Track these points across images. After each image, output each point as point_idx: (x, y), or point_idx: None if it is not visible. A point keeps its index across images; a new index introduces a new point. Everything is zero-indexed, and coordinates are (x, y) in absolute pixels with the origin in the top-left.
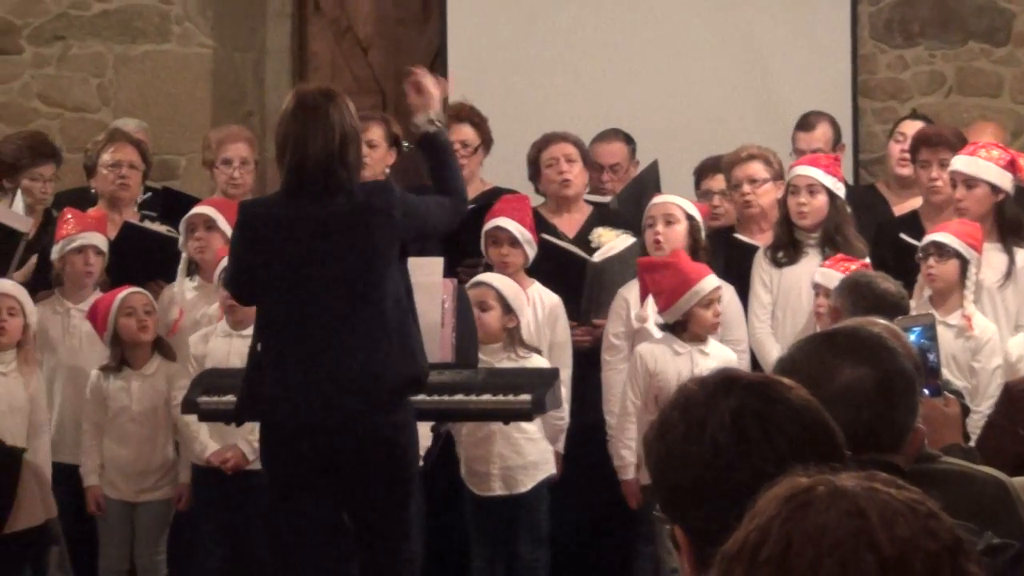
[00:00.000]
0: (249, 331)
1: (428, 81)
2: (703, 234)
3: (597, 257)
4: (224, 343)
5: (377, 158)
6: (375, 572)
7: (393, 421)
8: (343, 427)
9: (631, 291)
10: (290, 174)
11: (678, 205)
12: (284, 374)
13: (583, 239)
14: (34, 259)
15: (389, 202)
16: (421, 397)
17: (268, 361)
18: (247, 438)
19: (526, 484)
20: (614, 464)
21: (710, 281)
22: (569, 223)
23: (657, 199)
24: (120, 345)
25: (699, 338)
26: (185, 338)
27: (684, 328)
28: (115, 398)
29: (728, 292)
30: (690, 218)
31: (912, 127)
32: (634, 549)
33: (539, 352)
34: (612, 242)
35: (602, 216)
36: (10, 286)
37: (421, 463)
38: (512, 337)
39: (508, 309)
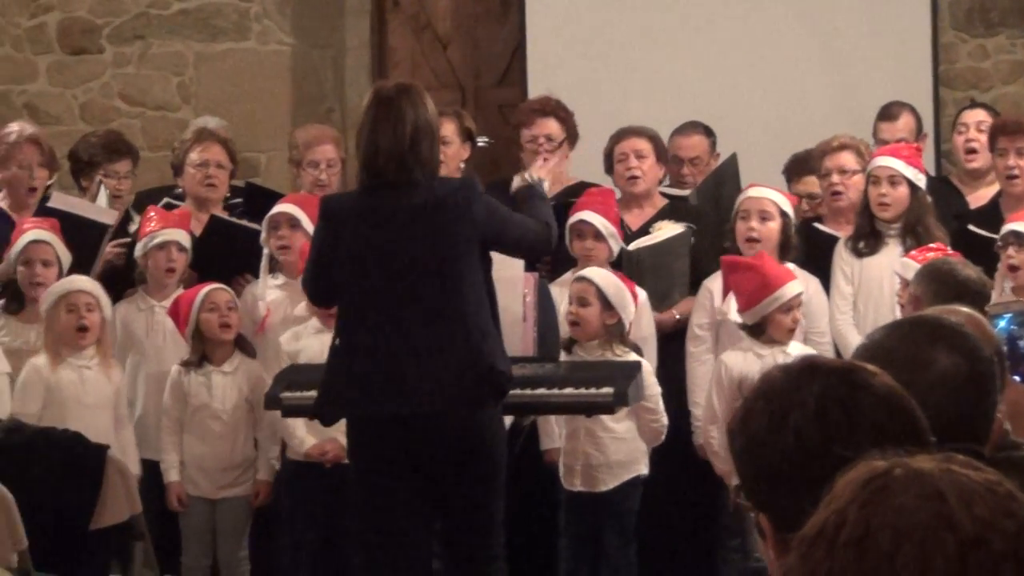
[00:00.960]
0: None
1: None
2: (794, 230)
3: (633, 246)
4: (316, 340)
5: (451, 154)
6: (462, 567)
7: (478, 416)
8: (428, 422)
9: (715, 282)
10: (363, 168)
11: (773, 201)
12: (363, 369)
13: (645, 231)
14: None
15: (469, 198)
16: None
17: (348, 356)
18: (343, 430)
19: (608, 483)
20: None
21: (792, 287)
22: (638, 217)
23: (752, 191)
24: (201, 341)
25: (779, 340)
26: (273, 336)
27: (762, 331)
28: (195, 394)
29: (813, 284)
30: (783, 214)
31: (973, 117)
32: (721, 542)
33: (638, 350)
34: (660, 231)
35: (676, 210)
36: (86, 282)
37: None
38: (611, 334)
39: (608, 306)
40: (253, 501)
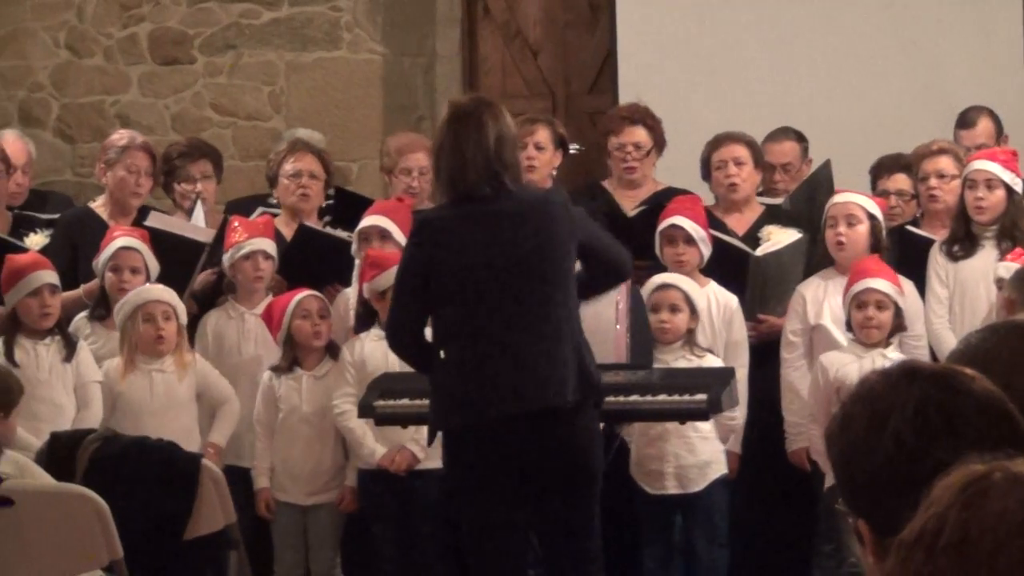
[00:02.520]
0: None
1: None
2: (884, 233)
3: (760, 251)
4: (379, 347)
5: (544, 160)
6: (561, 571)
7: (580, 419)
8: (532, 425)
9: (808, 288)
10: (450, 183)
11: (860, 205)
12: (470, 378)
13: (752, 237)
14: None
15: (565, 200)
16: None
17: (456, 366)
18: (414, 438)
19: (699, 483)
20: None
21: (866, 283)
22: (740, 222)
23: (838, 198)
24: (293, 347)
25: (868, 340)
26: None
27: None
28: (286, 399)
29: (908, 287)
30: (872, 217)
31: None
32: (814, 548)
33: (713, 352)
34: (777, 237)
35: (775, 215)
36: (160, 291)
37: None
38: (690, 338)
39: (694, 311)
40: (337, 505)
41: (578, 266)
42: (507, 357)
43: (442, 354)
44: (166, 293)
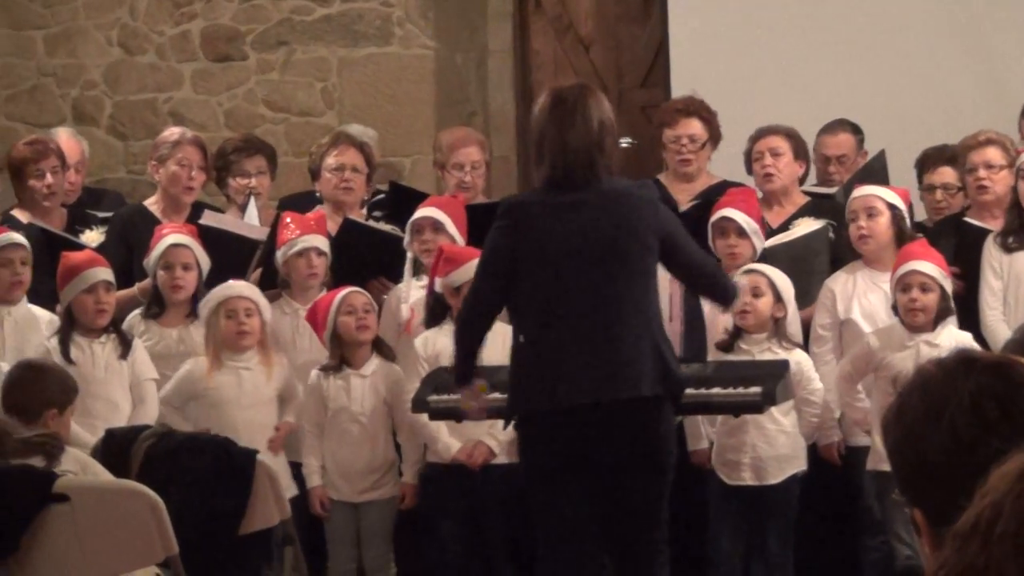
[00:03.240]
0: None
1: None
2: (908, 222)
3: (770, 243)
4: (450, 341)
5: None
6: (629, 562)
7: (652, 415)
8: (608, 414)
9: (837, 282)
10: (552, 168)
11: (879, 197)
12: (549, 363)
13: (785, 229)
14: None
15: (654, 194)
16: None
17: (535, 351)
18: (490, 432)
19: (776, 476)
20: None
21: (908, 265)
22: (778, 215)
23: (857, 192)
24: (340, 345)
25: (913, 324)
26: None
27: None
28: (335, 398)
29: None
30: (892, 207)
31: None
32: (862, 541)
33: (802, 347)
34: (801, 228)
35: (817, 208)
36: (244, 287)
37: None
38: (778, 328)
39: (779, 298)
40: (399, 504)
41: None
42: (585, 346)
43: (521, 338)
44: (248, 289)
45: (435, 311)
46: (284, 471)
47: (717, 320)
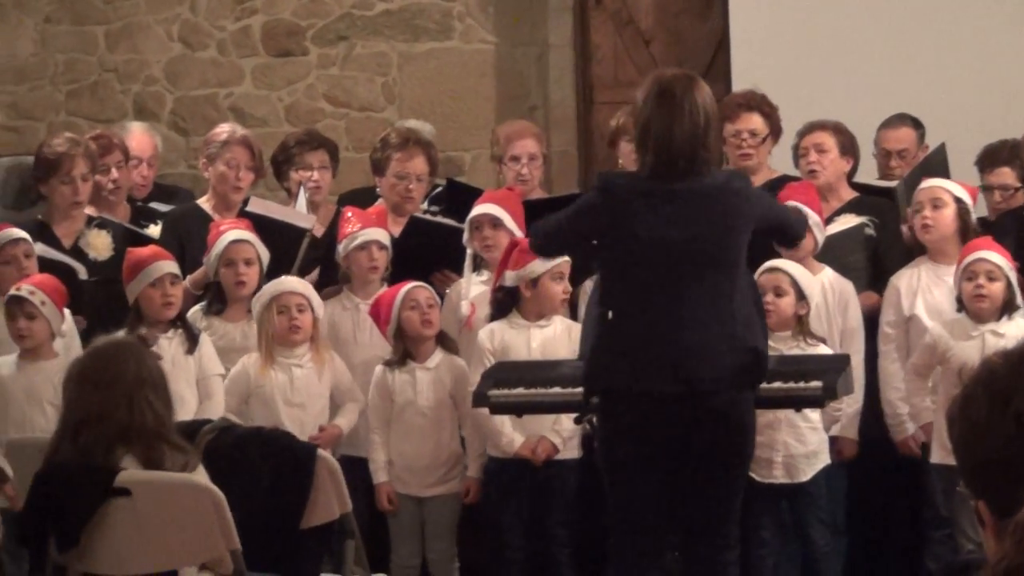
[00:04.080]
0: (545, 321)
1: None
2: (973, 216)
3: None
4: (520, 335)
5: None
6: (701, 550)
7: (739, 400)
8: (692, 403)
9: (902, 279)
10: (656, 156)
11: (946, 189)
12: (635, 345)
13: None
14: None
15: (748, 184)
16: None
17: (621, 331)
18: (554, 428)
19: (807, 473)
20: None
21: (974, 255)
22: (824, 210)
23: (924, 184)
24: (403, 339)
25: (978, 315)
26: (477, 332)
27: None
28: (400, 392)
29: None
30: (958, 200)
31: None
32: (926, 535)
33: (825, 342)
34: (839, 224)
35: (863, 204)
36: (296, 283)
37: None
38: (802, 325)
39: (801, 296)
40: (463, 498)
41: None
42: (670, 333)
43: (609, 314)
44: (301, 285)
45: (503, 304)
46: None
47: None
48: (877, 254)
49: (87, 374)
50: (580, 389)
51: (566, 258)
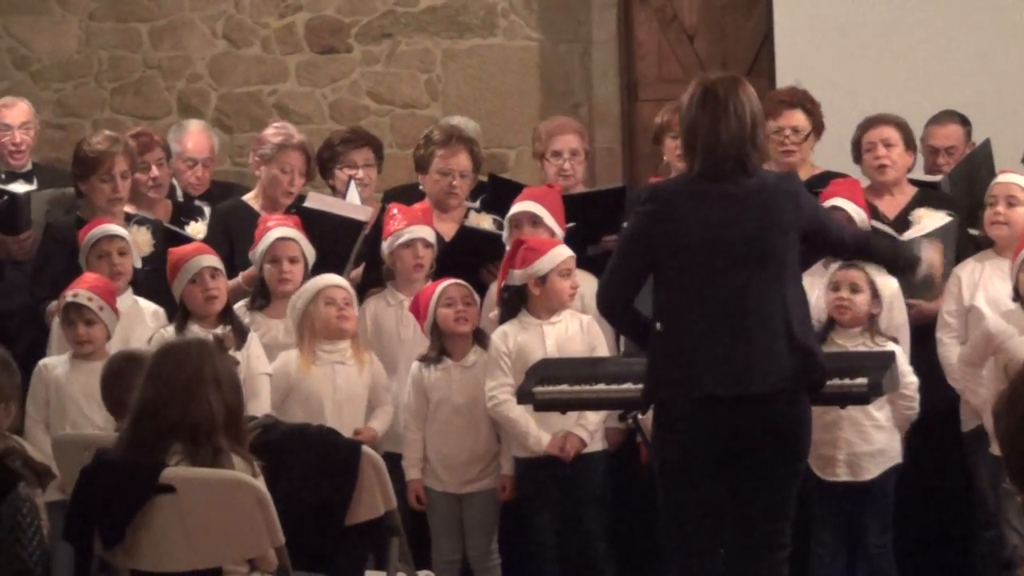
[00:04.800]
0: (556, 318)
1: None
2: None
3: (907, 235)
4: (537, 333)
5: None
6: (752, 551)
7: (796, 402)
8: (748, 406)
9: (964, 269)
10: (704, 159)
11: (1021, 186)
12: (691, 352)
13: (903, 220)
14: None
15: (797, 187)
16: None
17: (675, 340)
18: (579, 422)
19: (872, 471)
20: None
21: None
22: (891, 205)
23: (1001, 178)
24: (440, 336)
25: None
26: None
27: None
28: (435, 389)
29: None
30: None
31: None
32: (975, 533)
33: (896, 341)
34: (927, 220)
35: (927, 197)
36: (337, 278)
37: None
38: (872, 324)
39: (875, 294)
40: (499, 495)
41: None
42: (722, 338)
43: (658, 326)
44: (341, 281)
45: (511, 305)
46: None
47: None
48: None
49: (152, 367)
50: (625, 386)
51: (572, 253)
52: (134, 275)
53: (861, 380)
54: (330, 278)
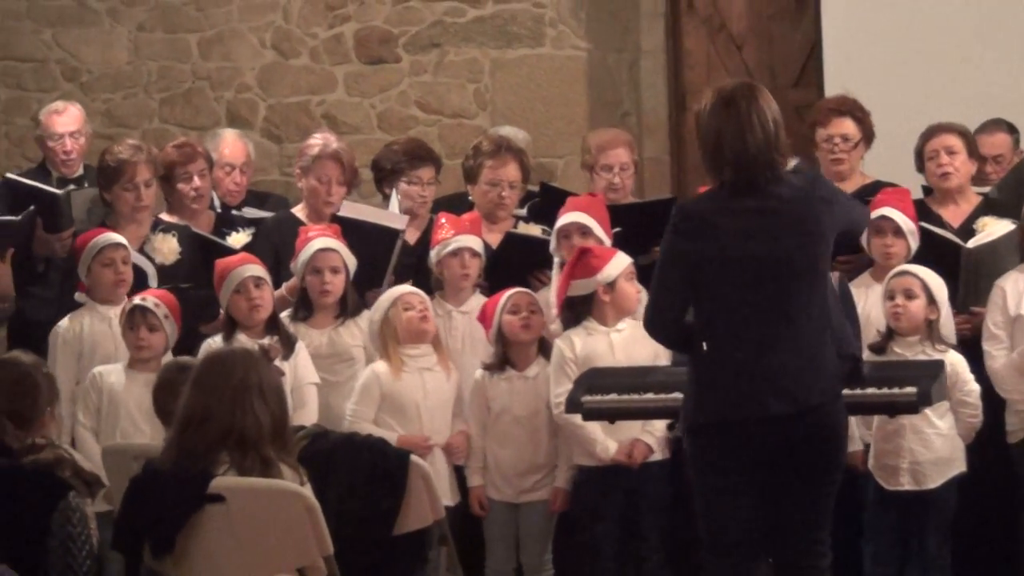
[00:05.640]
0: (624, 324)
1: None
2: None
3: (972, 243)
4: (603, 339)
5: None
6: (795, 559)
7: (828, 416)
8: (782, 426)
9: (1008, 280)
10: (735, 173)
11: None
12: (728, 374)
13: (967, 228)
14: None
15: (831, 191)
16: None
17: (720, 360)
18: (646, 429)
19: (935, 480)
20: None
21: None
22: (955, 213)
23: None
24: (504, 344)
25: None
26: None
27: None
28: (497, 399)
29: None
30: None
31: None
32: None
33: (956, 347)
34: (992, 228)
35: (991, 207)
36: (410, 287)
37: None
38: (931, 330)
39: (932, 300)
40: (551, 506)
41: None
42: (766, 357)
43: (704, 346)
44: (416, 289)
45: (577, 313)
46: (446, 477)
47: (870, 321)
48: None
49: (198, 377)
50: (673, 395)
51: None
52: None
53: (910, 389)
54: (404, 287)
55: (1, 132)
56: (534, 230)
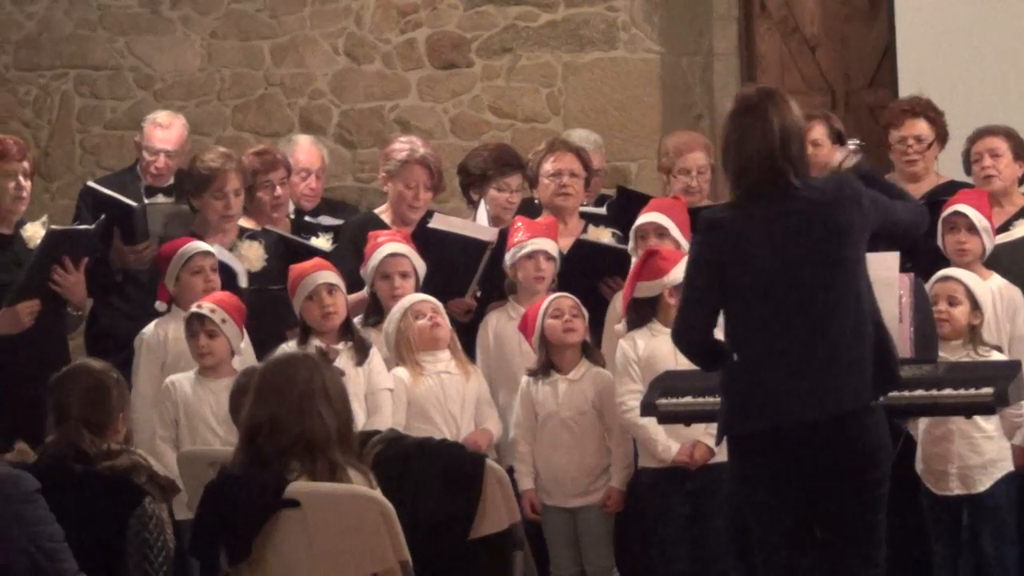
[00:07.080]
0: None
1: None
2: None
3: (998, 239)
4: (665, 342)
5: (822, 156)
6: (845, 568)
7: (868, 422)
8: (821, 433)
9: None
10: (736, 176)
11: None
12: (763, 382)
13: (1006, 230)
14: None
15: (858, 191)
16: None
17: (753, 369)
18: (708, 431)
19: (984, 483)
20: None
21: None
22: (998, 215)
23: None
24: (547, 348)
25: None
26: None
27: None
28: (543, 403)
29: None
30: None
31: None
32: None
33: (1000, 350)
34: (1015, 229)
35: None
36: (419, 294)
37: None
38: (974, 334)
39: (975, 305)
40: (606, 509)
41: None
42: (800, 363)
43: (735, 356)
44: (424, 295)
45: (641, 314)
46: None
47: None
48: None
49: (261, 384)
50: None
51: None
52: (239, 294)
53: (987, 390)
54: (412, 296)
55: (76, 140)
56: (604, 235)
